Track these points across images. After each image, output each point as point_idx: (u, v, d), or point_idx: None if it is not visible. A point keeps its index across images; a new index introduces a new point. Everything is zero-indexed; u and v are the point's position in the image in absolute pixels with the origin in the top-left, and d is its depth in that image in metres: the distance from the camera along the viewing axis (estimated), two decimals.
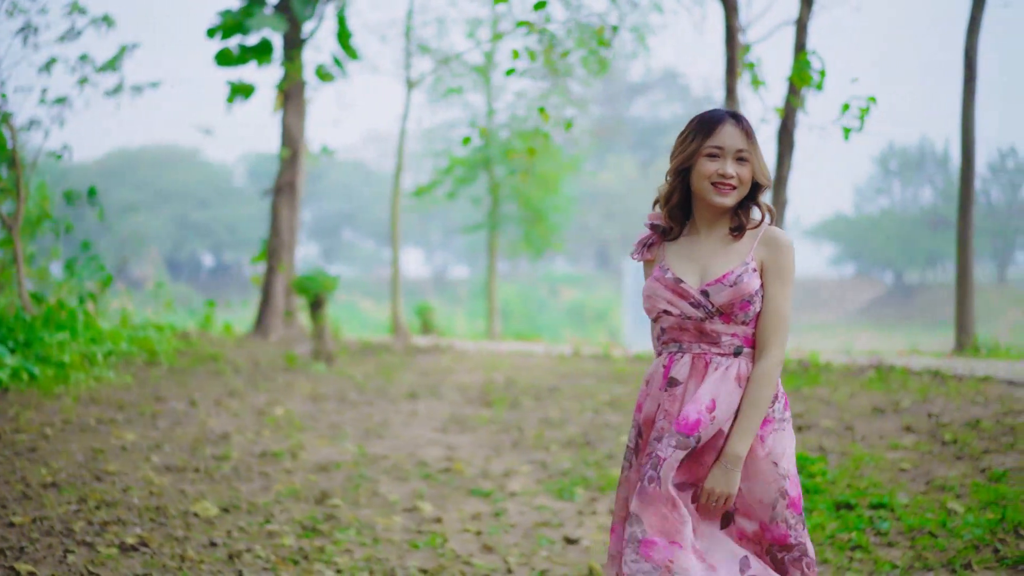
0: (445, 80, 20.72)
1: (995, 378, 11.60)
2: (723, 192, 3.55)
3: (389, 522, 6.76)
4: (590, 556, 6.30)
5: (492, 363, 14.01)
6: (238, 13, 15.26)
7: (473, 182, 22.35)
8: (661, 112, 73.96)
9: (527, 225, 22.65)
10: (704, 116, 3.62)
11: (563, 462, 8.54)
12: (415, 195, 22.10)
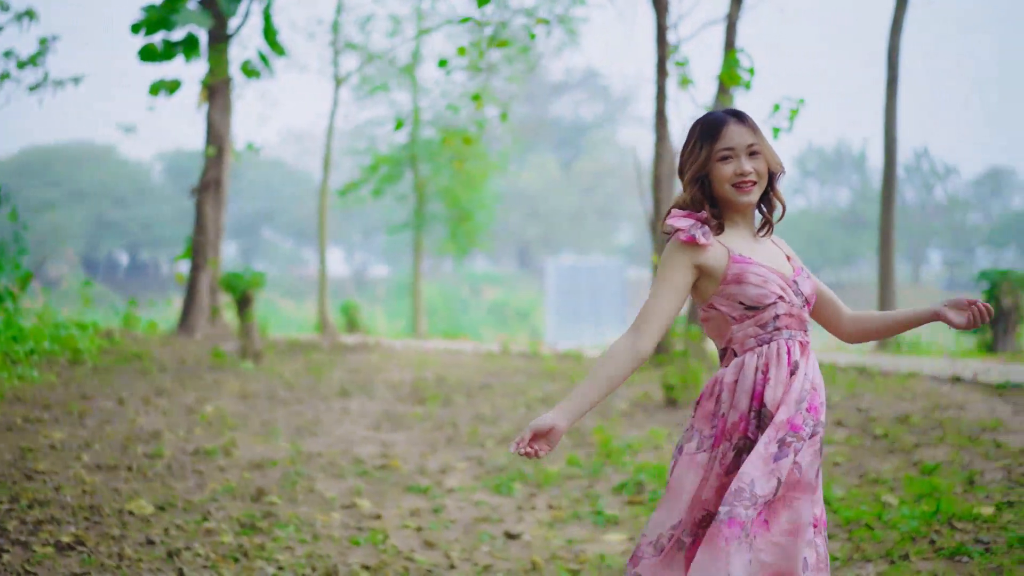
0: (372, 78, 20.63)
1: (920, 374, 11.78)
2: (746, 190, 3.53)
3: (328, 519, 6.70)
4: (532, 551, 6.29)
5: (421, 361, 13.97)
6: (163, 8, 15.05)
7: (399, 180, 22.26)
8: (582, 112, 74.24)
9: (453, 224, 22.61)
10: (706, 121, 3.59)
11: (499, 458, 8.53)
12: (340, 194, 21.95)
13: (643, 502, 7.36)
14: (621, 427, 9.75)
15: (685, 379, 10.76)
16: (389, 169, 21.94)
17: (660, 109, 13.56)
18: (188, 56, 15.55)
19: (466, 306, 47.29)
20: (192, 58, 15.61)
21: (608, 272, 46.64)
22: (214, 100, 16.02)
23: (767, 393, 3.45)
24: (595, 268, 46.87)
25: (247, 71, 16.46)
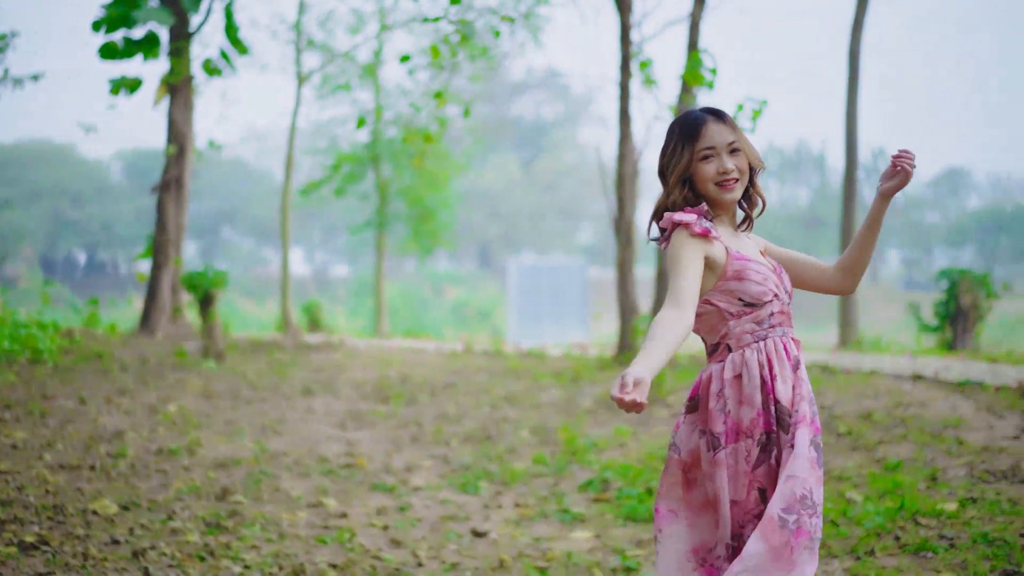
0: (334, 77, 20.56)
1: (881, 372, 11.87)
2: (729, 188, 3.54)
3: (294, 518, 6.67)
4: (499, 549, 6.29)
5: (384, 360, 13.94)
6: (124, 6, 14.93)
7: (362, 179, 22.18)
8: (543, 111, 74.32)
9: (416, 223, 22.56)
10: (684, 122, 3.60)
11: (464, 456, 8.52)
12: (303, 193, 21.85)
13: (609, 500, 7.37)
14: (586, 425, 9.77)
15: None
16: (351, 168, 21.87)
17: (624, 109, 13.59)
18: (147, 55, 15.42)
19: (427, 305, 47.23)
20: (152, 57, 15.48)
21: (570, 272, 46.66)
22: (175, 98, 15.91)
23: (778, 388, 3.48)
24: (556, 268, 46.88)
25: (209, 69, 16.36)
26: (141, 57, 15.61)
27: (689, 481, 3.54)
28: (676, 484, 3.56)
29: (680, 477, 3.55)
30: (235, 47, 16.35)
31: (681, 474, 3.55)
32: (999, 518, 6.47)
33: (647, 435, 9.40)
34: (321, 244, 70.08)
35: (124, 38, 15.46)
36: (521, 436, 9.31)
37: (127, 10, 14.95)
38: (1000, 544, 5.93)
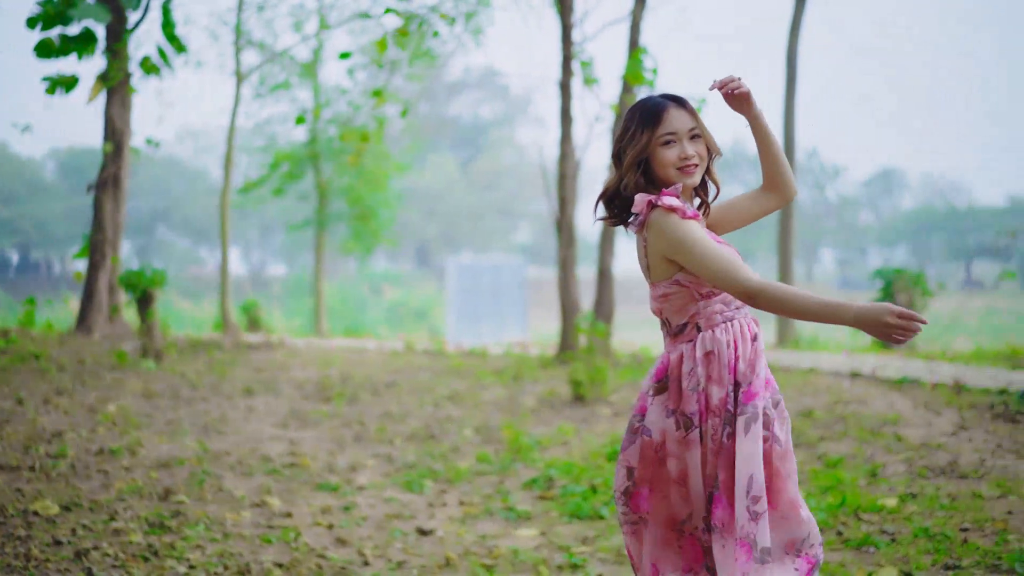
0: (273, 75, 20.44)
1: (820, 370, 12.01)
2: (690, 173, 3.59)
3: (238, 517, 6.64)
4: (445, 547, 6.29)
5: (325, 359, 13.89)
6: (60, 2, 14.73)
7: (301, 178, 22.06)
8: (481, 111, 74.34)
9: (357, 222, 22.48)
10: (645, 107, 3.63)
11: (408, 455, 8.51)
12: (242, 192, 21.67)
13: (554, 497, 7.40)
14: (529, 424, 9.80)
15: (592, 376, 10.84)
16: (291, 167, 21.74)
17: (565, 108, 13.63)
18: (81, 53, 15.19)
19: (365, 305, 47.07)
20: (87, 55, 15.27)
21: (508, 271, 46.68)
22: (112, 96, 15.71)
23: (740, 368, 3.54)
24: (495, 267, 46.90)
25: (146, 67, 16.18)
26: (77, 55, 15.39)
27: (660, 459, 3.58)
28: (651, 464, 3.59)
29: (654, 456, 3.58)
30: (172, 45, 16.17)
31: (654, 454, 3.58)
32: (939, 513, 6.58)
33: (590, 433, 9.44)
34: (258, 243, 69.66)
35: (60, 35, 15.24)
36: (465, 435, 9.32)
37: (63, 7, 14.75)
38: (941, 539, 6.02)
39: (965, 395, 11.02)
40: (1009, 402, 10.32)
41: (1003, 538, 5.99)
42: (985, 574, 5.44)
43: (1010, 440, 8.60)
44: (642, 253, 3.63)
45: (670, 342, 3.64)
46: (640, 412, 3.64)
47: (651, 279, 3.62)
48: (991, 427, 9.19)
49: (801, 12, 19.00)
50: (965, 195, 77.37)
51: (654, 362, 3.77)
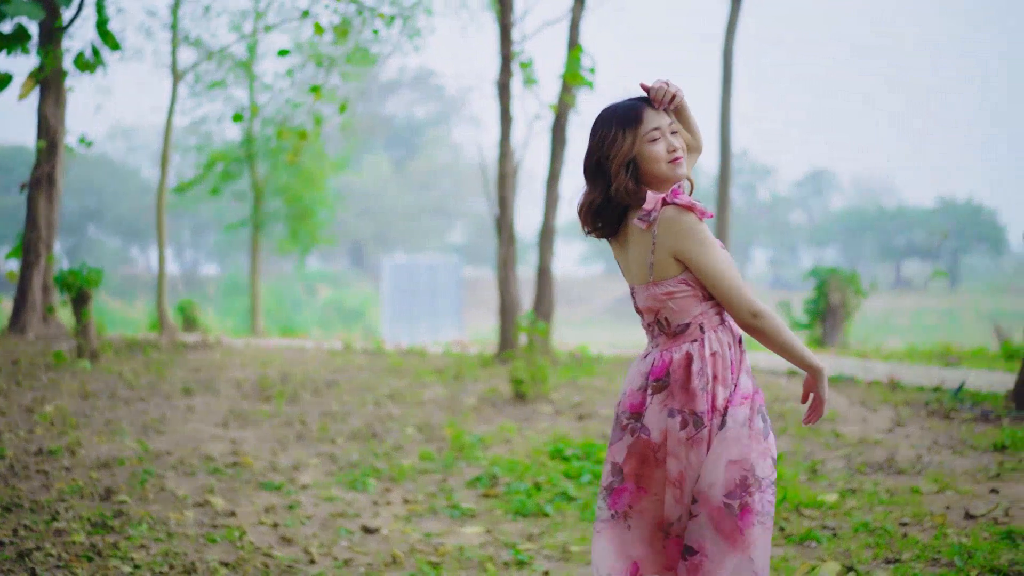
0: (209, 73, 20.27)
1: (757, 368, 12.14)
2: (679, 164, 3.63)
3: (181, 517, 6.59)
4: (391, 545, 6.29)
5: (264, 359, 13.81)
6: None
7: (238, 178, 21.91)
8: (416, 111, 74.22)
9: (294, 222, 22.36)
10: (619, 110, 3.65)
11: (352, 454, 8.50)
12: (177, 191, 21.45)
13: (498, 495, 7.42)
14: (471, 422, 9.82)
15: (533, 374, 10.88)
16: (227, 166, 21.57)
17: (505, 108, 13.66)
18: (12, 50, 14.98)
19: (300, 305, 46.86)
20: (17, 51, 15.05)
21: (444, 270, 46.68)
22: (46, 93, 15.52)
23: (741, 368, 3.63)
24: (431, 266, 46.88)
25: (80, 65, 15.99)
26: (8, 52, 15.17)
27: (657, 460, 3.58)
28: (648, 463, 3.59)
29: (651, 456, 3.59)
30: (106, 43, 16.00)
31: (652, 454, 3.58)
32: (878, 508, 6.68)
33: (532, 431, 9.48)
34: (190, 243, 69.07)
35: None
36: (407, 433, 9.32)
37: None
38: (881, 533, 6.12)
39: (900, 392, 11.21)
40: (943, 399, 10.50)
41: (942, 532, 6.10)
42: (925, 568, 5.53)
43: (945, 436, 8.75)
44: (646, 251, 3.59)
45: (667, 341, 3.62)
46: (630, 409, 3.64)
47: (653, 277, 3.58)
48: (926, 424, 9.35)
49: (737, 13, 19.17)
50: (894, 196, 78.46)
51: (634, 361, 3.78)
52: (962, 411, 9.81)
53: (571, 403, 10.86)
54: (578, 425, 9.75)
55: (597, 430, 9.43)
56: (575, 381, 12.25)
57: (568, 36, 13.74)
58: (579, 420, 10.01)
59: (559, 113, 13.78)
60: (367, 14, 12.99)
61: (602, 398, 11.16)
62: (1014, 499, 6.73)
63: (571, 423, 9.87)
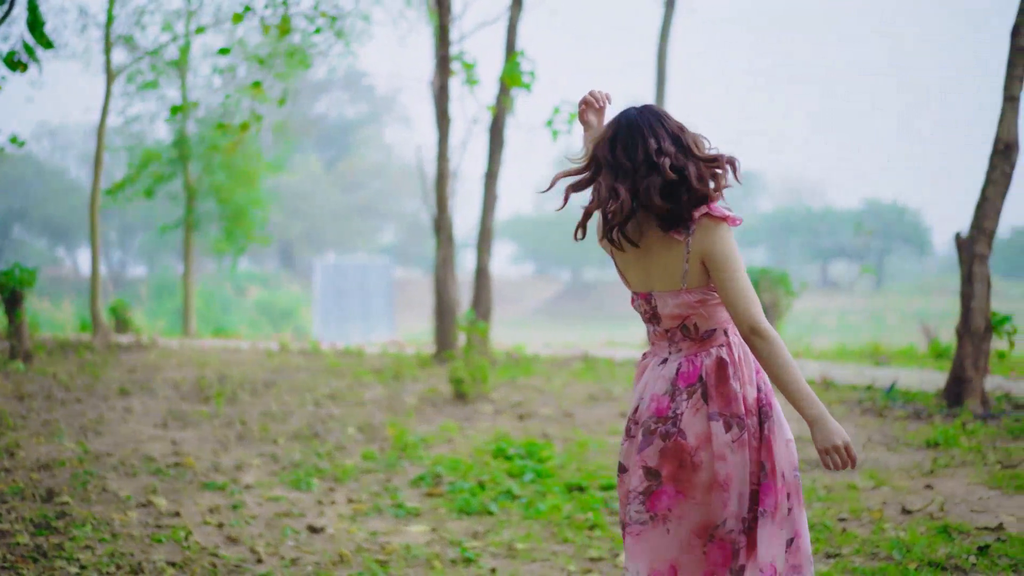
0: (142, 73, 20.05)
1: None
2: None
3: (125, 518, 6.57)
4: (337, 544, 6.31)
5: (200, 359, 13.74)
6: None
7: (172, 179, 21.69)
8: (346, 111, 73.89)
9: (228, 222, 22.18)
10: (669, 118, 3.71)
11: (294, 454, 8.50)
12: (109, 193, 21.16)
13: (442, 494, 7.46)
14: (412, 422, 9.85)
15: (473, 374, 10.93)
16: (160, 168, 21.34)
17: (443, 109, 13.67)
18: None
19: (229, 306, 46.49)
20: None
21: (375, 271, 46.62)
22: None
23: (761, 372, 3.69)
24: (362, 267, 46.79)
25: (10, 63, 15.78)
26: None
27: (695, 464, 3.58)
28: (683, 466, 3.60)
29: (688, 460, 3.59)
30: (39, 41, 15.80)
31: (688, 457, 3.59)
32: (816, 504, 6.81)
33: (474, 430, 9.53)
34: (118, 244, 68.25)
35: None
36: (348, 433, 9.33)
37: None
38: (821, 529, 6.25)
39: (834, 391, 11.40)
40: (876, 398, 10.70)
41: (880, 527, 6.24)
42: (865, 562, 5.66)
43: (879, 434, 8.93)
44: (679, 259, 3.59)
45: (693, 347, 3.65)
46: (657, 414, 3.63)
47: (687, 285, 3.59)
48: (860, 421, 9.53)
49: (671, 16, 19.34)
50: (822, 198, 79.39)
51: (647, 367, 3.77)
52: (895, 409, 10.01)
53: (511, 403, 10.93)
54: (519, 424, 9.82)
55: (538, 429, 9.50)
56: (514, 381, 12.32)
57: (505, 38, 13.79)
58: (520, 420, 10.07)
59: (497, 114, 13.83)
60: (310, 14, 12.93)
61: (541, 397, 11.24)
62: (948, 495, 6.89)
63: (512, 422, 9.93)
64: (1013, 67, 9.93)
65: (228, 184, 21.72)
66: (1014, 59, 9.93)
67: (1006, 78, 9.98)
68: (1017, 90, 9.93)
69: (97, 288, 15.23)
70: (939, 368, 13.76)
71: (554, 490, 7.44)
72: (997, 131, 9.93)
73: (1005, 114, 9.95)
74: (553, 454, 8.34)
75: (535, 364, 13.85)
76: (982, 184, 9.98)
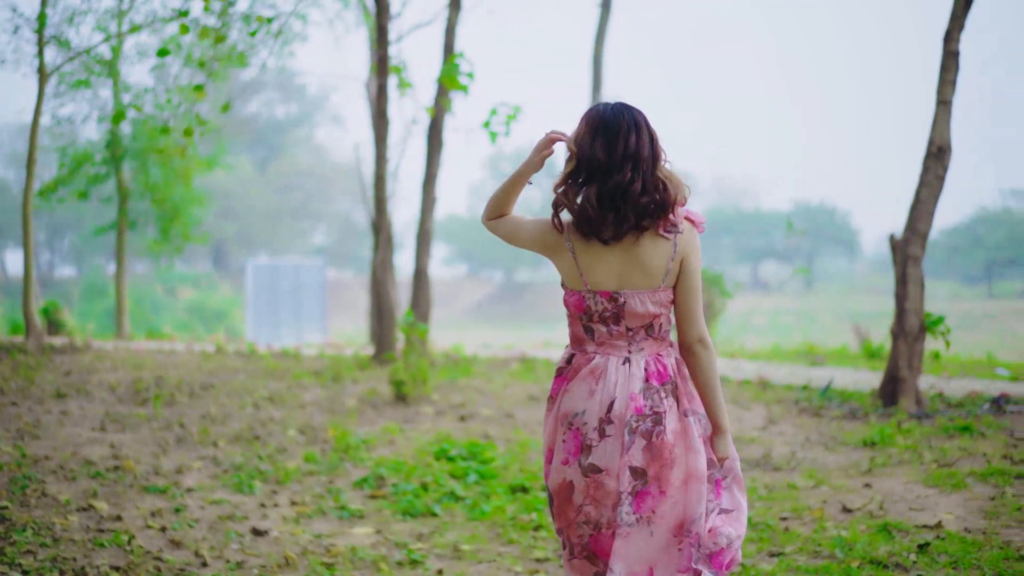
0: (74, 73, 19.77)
1: None
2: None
3: (66, 522, 6.50)
4: (282, 546, 6.29)
5: (135, 362, 13.60)
6: None
7: (107, 180, 21.40)
8: (277, 111, 73.40)
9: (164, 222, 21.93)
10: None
11: (235, 457, 8.44)
12: (40, 195, 20.82)
13: (385, 496, 7.46)
14: (353, 424, 9.83)
15: (414, 375, 10.92)
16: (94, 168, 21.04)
17: (381, 110, 13.63)
18: None
19: (160, 307, 46.05)
20: None
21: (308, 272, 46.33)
22: None
23: None
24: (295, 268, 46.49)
25: None
26: None
27: (673, 461, 3.65)
28: (665, 464, 3.65)
29: (668, 457, 3.65)
30: None
31: (668, 454, 3.65)
32: (758, 504, 6.90)
33: (416, 432, 9.53)
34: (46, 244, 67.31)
35: None
36: (289, 435, 9.29)
37: None
38: (763, 528, 6.33)
39: (771, 391, 11.53)
40: (812, 398, 10.84)
41: (821, 526, 6.33)
42: (808, 560, 5.74)
43: (817, 433, 9.05)
44: (665, 258, 3.65)
45: (655, 346, 3.73)
46: (638, 412, 3.65)
47: (665, 284, 3.67)
48: (798, 421, 9.65)
49: (606, 20, 19.43)
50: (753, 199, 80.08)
51: (607, 368, 3.74)
52: (831, 409, 10.14)
53: (452, 404, 10.94)
54: (460, 426, 9.83)
55: (479, 430, 9.52)
56: (454, 382, 12.33)
57: (444, 39, 13.79)
58: (461, 421, 10.08)
59: (435, 116, 13.82)
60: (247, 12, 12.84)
61: (482, 398, 11.25)
62: (887, 493, 7.01)
63: (453, 424, 9.94)
64: (945, 72, 10.11)
65: (163, 183, 21.49)
66: (946, 64, 10.11)
67: (939, 83, 10.16)
68: (949, 94, 10.11)
69: (31, 289, 15.02)
70: (872, 368, 13.96)
71: (498, 491, 7.47)
72: (930, 134, 10.11)
73: (938, 118, 10.13)
74: (495, 455, 8.37)
75: (474, 365, 13.86)
76: (916, 187, 10.15)
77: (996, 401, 9.95)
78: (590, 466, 3.69)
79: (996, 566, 5.41)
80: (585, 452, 3.70)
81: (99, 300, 40.78)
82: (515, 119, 12.79)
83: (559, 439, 3.77)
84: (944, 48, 10.12)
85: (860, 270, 74.13)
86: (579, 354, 3.79)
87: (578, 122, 3.74)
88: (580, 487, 3.72)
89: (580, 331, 3.78)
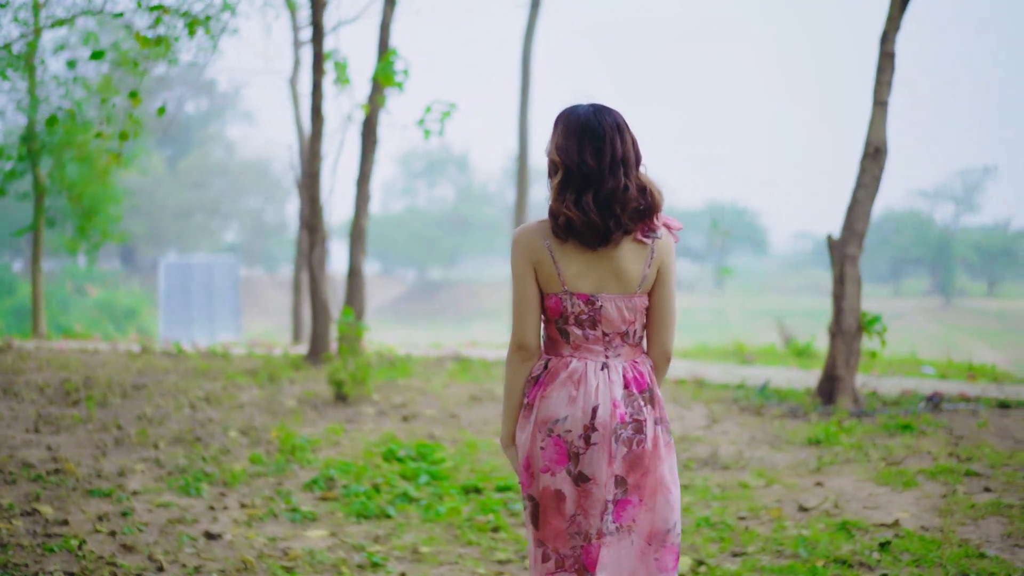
0: None
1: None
2: None
3: (11, 527, 6.33)
4: (236, 550, 6.19)
5: (60, 362, 13.30)
6: None
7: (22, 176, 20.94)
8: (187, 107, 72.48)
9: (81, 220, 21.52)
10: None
11: (178, 459, 8.29)
12: None
13: (337, 498, 7.38)
14: (295, 424, 9.70)
15: (354, 375, 10.83)
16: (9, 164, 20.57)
17: (316, 106, 13.48)
18: None
19: (68, 305, 45.27)
20: None
21: (220, 270, 45.91)
22: None
23: None
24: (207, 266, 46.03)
25: None
26: None
27: (649, 468, 3.63)
28: (645, 473, 3.62)
29: (645, 465, 3.62)
30: None
31: (646, 462, 3.62)
32: (714, 503, 6.93)
33: (360, 432, 9.43)
34: None
35: None
36: (231, 437, 9.14)
37: None
38: (723, 528, 6.36)
39: (708, 390, 11.60)
40: (750, 396, 10.93)
41: (780, 525, 6.37)
42: (772, 559, 5.77)
43: (761, 432, 9.12)
44: (642, 263, 3.63)
45: (629, 352, 3.68)
46: (621, 420, 3.59)
47: (642, 289, 3.63)
48: (741, 420, 9.72)
49: (535, 19, 19.44)
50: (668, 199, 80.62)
51: (597, 371, 3.66)
52: (771, 408, 10.23)
53: (393, 404, 10.84)
54: (404, 426, 9.75)
55: (424, 431, 9.46)
56: (393, 382, 12.24)
57: (379, 36, 13.67)
58: (404, 421, 10.01)
59: (370, 114, 13.70)
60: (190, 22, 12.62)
61: (423, 398, 11.19)
62: (840, 492, 7.08)
63: (397, 424, 9.86)
64: (882, 72, 10.25)
65: (80, 180, 21.07)
66: (883, 65, 10.25)
67: (875, 83, 10.30)
68: (886, 95, 10.25)
69: None
70: (802, 366, 14.12)
71: (451, 492, 7.42)
72: (867, 135, 10.23)
73: (875, 119, 10.27)
74: (445, 456, 8.31)
75: (410, 365, 13.78)
76: (853, 187, 10.27)
77: (931, 399, 10.11)
78: (579, 475, 3.62)
79: (958, 563, 5.48)
80: (573, 460, 3.61)
81: (6, 298, 40.02)
82: (450, 116, 12.75)
83: (537, 447, 3.66)
84: (880, 49, 10.26)
85: (769, 268, 75.15)
86: (555, 358, 3.69)
87: (553, 126, 3.68)
88: (572, 496, 3.63)
89: (556, 334, 3.70)
